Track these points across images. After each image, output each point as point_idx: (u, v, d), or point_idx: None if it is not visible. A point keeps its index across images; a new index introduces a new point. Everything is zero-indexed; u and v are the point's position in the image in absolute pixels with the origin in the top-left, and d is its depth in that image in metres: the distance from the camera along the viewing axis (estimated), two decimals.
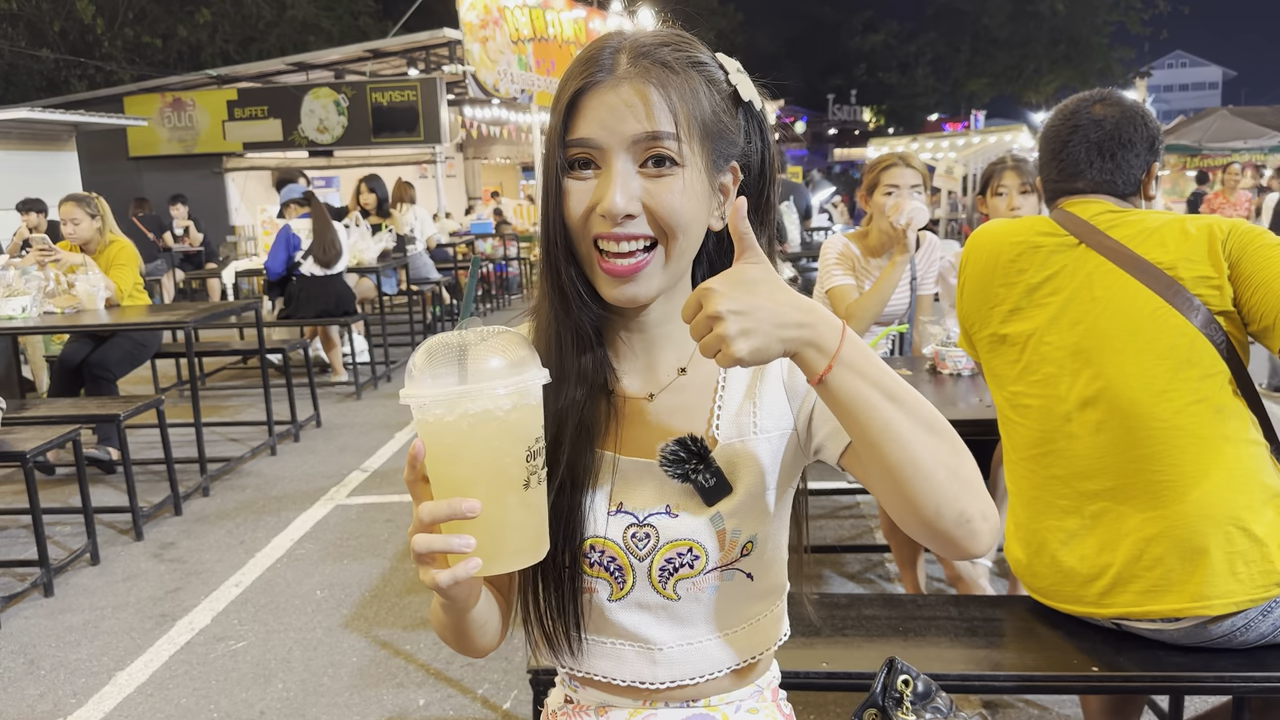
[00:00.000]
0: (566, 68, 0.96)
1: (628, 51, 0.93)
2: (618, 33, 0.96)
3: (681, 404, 1.04)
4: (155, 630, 3.34)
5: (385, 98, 14.38)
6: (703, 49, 0.98)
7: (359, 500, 4.62)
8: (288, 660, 3.09)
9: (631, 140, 0.91)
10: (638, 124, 0.91)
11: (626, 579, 1.03)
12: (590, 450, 1.01)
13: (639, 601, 1.03)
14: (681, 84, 0.92)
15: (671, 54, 0.94)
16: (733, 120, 0.98)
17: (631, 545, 1.02)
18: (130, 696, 2.91)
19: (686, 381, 1.05)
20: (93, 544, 3.94)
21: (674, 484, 0.99)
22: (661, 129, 0.91)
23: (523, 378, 0.83)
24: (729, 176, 0.99)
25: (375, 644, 3.17)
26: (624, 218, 0.92)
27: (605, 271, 0.94)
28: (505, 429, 0.82)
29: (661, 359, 1.05)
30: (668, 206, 0.92)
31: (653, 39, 0.95)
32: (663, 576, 1.02)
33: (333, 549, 4.02)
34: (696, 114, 0.93)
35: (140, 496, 4.39)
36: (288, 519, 4.39)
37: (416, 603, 3.46)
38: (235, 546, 4.09)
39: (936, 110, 43.20)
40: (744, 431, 1.02)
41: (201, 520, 4.44)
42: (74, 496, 4.49)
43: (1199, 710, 2.33)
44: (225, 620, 3.40)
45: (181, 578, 3.79)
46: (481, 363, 0.83)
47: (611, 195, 0.91)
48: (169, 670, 3.06)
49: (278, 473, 5.14)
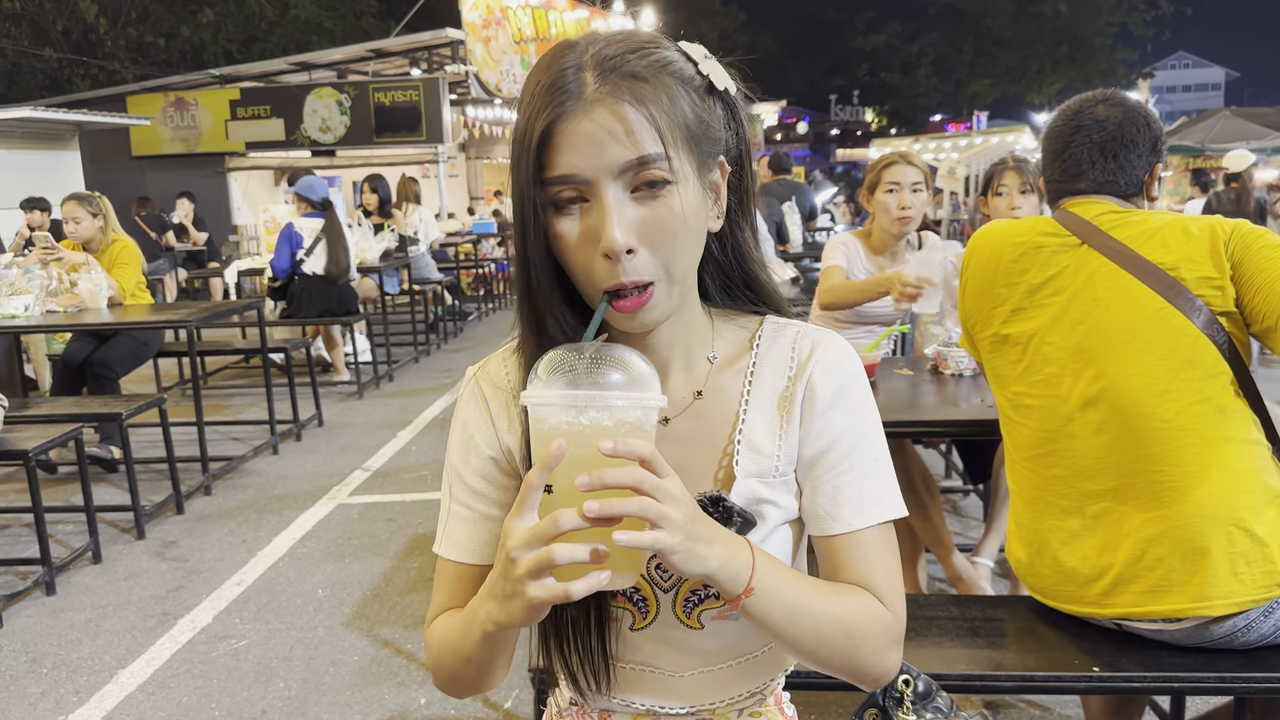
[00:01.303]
0: (524, 92, 0.89)
1: (591, 68, 0.86)
2: (571, 45, 0.89)
3: (698, 431, 1.00)
4: (157, 629, 3.34)
5: (388, 97, 14.37)
6: (666, 43, 0.92)
7: (361, 499, 4.63)
8: (289, 659, 3.09)
9: (619, 169, 0.85)
10: (623, 150, 0.84)
11: (650, 610, 1.00)
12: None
13: (661, 631, 1.00)
14: (657, 94, 0.86)
15: (639, 61, 0.87)
16: (711, 114, 0.92)
17: (655, 577, 0.99)
18: (132, 695, 2.92)
19: (703, 407, 1.01)
20: (95, 542, 3.95)
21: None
22: (648, 151, 0.85)
23: (656, 393, 0.82)
24: (717, 173, 0.95)
25: (377, 643, 3.17)
26: (626, 251, 0.86)
27: (616, 309, 0.89)
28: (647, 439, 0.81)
29: (673, 380, 1.01)
30: (668, 233, 0.87)
31: (613, 48, 0.87)
32: (687, 607, 0.99)
33: (334, 548, 4.02)
34: (679, 122, 0.87)
35: (142, 495, 4.40)
36: (290, 518, 4.39)
37: (418, 602, 3.46)
38: (237, 545, 4.10)
39: (939, 111, 43.21)
40: (764, 472, 0.98)
41: (203, 519, 4.45)
42: (76, 495, 4.50)
43: (1200, 711, 2.33)
44: (227, 619, 3.40)
45: (183, 576, 3.79)
46: (630, 371, 0.80)
47: (610, 233, 0.85)
48: (171, 669, 3.07)
49: (280, 472, 5.14)
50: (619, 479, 0.75)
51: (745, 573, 0.85)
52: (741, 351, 1.02)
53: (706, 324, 1.02)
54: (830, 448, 0.98)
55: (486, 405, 1.03)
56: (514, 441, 1.00)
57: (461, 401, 1.05)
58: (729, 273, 1.03)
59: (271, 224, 8.31)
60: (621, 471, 0.76)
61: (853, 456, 0.98)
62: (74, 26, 21.31)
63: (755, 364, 1.01)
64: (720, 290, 1.04)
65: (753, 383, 1.00)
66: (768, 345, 1.02)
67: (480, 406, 1.03)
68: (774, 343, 1.02)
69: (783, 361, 1.00)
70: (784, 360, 1.00)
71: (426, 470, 5.02)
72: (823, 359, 0.99)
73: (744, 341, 1.03)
